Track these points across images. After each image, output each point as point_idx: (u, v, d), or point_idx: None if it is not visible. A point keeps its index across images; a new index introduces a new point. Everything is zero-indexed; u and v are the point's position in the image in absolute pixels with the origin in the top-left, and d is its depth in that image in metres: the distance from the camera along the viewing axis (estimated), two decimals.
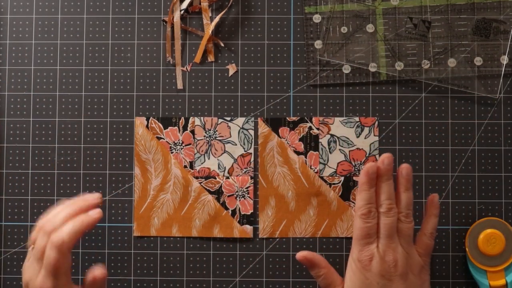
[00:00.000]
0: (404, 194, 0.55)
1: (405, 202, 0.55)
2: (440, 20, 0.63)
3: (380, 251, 0.53)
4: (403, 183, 0.55)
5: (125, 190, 0.63)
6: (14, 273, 0.63)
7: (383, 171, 0.54)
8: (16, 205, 0.63)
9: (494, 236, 0.60)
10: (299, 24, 0.64)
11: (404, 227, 0.54)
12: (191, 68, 0.64)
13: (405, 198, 0.55)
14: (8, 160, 0.64)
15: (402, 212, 0.54)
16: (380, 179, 0.55)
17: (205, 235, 0.63)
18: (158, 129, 0.64)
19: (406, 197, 0.55)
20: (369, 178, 0.54)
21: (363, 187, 0.54)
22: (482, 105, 0.63)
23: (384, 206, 0.54)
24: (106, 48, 0.64)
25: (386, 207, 0.54)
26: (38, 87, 0.64)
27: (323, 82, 0.64)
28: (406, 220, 0.54)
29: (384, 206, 0.54)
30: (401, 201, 0.55)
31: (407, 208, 0.55)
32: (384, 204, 0.54)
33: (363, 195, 0.54)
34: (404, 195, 0.55)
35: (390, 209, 0.54)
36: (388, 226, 0.53)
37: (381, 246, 0.53)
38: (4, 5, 0.65)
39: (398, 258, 0.53)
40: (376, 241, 0.53)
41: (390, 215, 0.53)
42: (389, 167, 0.55)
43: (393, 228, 0.53)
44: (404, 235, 0.54)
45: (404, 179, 0.55)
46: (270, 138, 0.63)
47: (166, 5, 0.64)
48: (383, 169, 0.54)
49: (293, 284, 0.62)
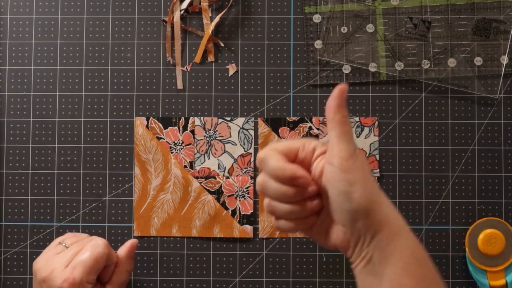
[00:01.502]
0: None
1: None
2: (440, 20, 0.63)
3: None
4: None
5: (125, 190, 0.63)
6: (14, 273, 0.63)
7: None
8: (16, 205, 0.63)
9: (494, 236, 0.60)
10: (299, 24, 0.64)
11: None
12: (191, 68, 0.64)
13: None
14: (8, 160, 0.64)
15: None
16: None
17: (205, 235, 0.63)
18: (158, 129, 0.64)
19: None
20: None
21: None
22: (482, 105, 0.63)
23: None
24: (106, 48, 0.64)
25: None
26: (38, 87, 0.64)
27: (323, 82, 0.64)
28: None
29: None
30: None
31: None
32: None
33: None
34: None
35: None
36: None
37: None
38: (4, 5, 0.65)
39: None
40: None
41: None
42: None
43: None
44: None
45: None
46: (270, 138, 0.63)
47: (166, 5, 0.64)
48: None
49: (293, 284, 0.62)
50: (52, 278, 0.52)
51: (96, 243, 0.54)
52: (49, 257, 0.54)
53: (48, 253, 0.55)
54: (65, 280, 0.51)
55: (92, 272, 0.53)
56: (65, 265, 0.53)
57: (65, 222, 0.63)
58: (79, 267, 0.52)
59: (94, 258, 0.53)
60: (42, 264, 0.54)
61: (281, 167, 0.45)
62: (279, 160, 0.46)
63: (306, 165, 0.47)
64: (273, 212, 0.48)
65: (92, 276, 0.53)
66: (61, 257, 0.54)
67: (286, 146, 0.47)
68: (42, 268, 0.53)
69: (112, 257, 0.55)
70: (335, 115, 0.45)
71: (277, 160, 0.46)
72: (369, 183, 0.45)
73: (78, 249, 0.54)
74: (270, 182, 0.46)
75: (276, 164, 0.46)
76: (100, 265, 0.54)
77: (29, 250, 0.63)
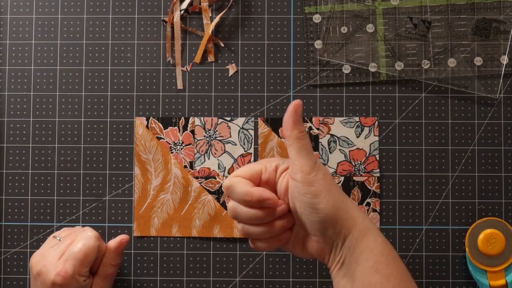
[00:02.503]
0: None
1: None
2: (440, 20, 0.63)
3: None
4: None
5: (125, 190, 0.63)
6: (14, 273, 0.63)
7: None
8: (16, 205, 0.63)
9: (494, 236, 0.60)
10: (299, 24, 0.64)
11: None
12: (191, 68, 0.64)
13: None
14: (8, 160, 0.64)
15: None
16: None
17: (205, 235, 0.63)
18: (158, 129, 0.64)
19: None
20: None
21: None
22: (482, 105, 0.63)
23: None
24: (106, 48, 0.64)
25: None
26: (38, 87, 0.64)
27: (323, 82, 0.64)
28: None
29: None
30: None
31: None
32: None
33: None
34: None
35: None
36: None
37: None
38: (4, 5, 0.65)
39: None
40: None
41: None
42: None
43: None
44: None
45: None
46: (270, 138, 0.63)
47: (166, 5, 0.64)
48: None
49: (293, 284, 0.62)
50: (45, 271, 0.53)
51: (87, 235, 0.55)
52: (44, 252, 0.55)
53: (43, 247, 0.56)
54: (58, 273, 0.52)
55: (83, 264, 0.53)
56: (57, 257, 0.53)
57: (65, 222, 0.63)
58: (70, 260, 0.53)
59: (85, 250, 0.53)
60: (37, 259, 0.54)
61: (248, 192, 0.47)
62: (245, 185, 0.48)
63: (271, 185, 0.49)
64: (248, 235, 0.49)
65: (84, 269, 0.53)
66: (54, 250, 0.54)
67: (249, 171, 0.49)
68: (37, 262, 0.54)
69: (102, 249, 0.56)
70: (292, 131, 0.47)
71: (243, 186, 0.48)
72: (333, 191, 0.47)
73: (70, 241, 0.55)
74: (240, 208, 0.48)
75: (243, 190, 0.48)
76: (92, 257, 0.54)
77: (29, 250, 0.63)
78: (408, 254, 0.62)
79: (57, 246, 0.55)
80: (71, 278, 0.52)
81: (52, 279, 0.52)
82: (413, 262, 0.62)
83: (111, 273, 0.57)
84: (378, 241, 0.47)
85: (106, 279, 0.56)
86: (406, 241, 0.62)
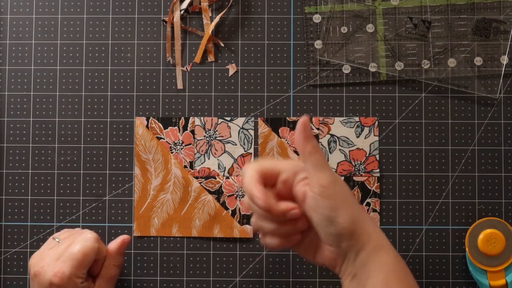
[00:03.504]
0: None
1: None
2: (440, 20, 0.63)
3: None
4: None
5: (125, 190, 0.63)
6: (14, 273, 0.63)
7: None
8: (16, 205, 0.63)
9: (494, 236, 0.60)
10: (299, 24, 0.64)
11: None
12: (191, 68, 0.64)
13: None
14: (8, 160, 0.64)
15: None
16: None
17: (205, 235, 0.63)
18: (158, 129, 0.64)
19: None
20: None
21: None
22: (482, 105, 0.63)
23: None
24: (106, 48, 0.64)
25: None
26: (38, 87, 0.64)
27: (323, 82, 0.64)
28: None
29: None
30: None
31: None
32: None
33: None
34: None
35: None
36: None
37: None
38: (4, 5, 0.65)
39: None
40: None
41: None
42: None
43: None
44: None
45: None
46: (270, 138, 0.63)
47: (166, 5, 0.64)
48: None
49: (293, 284, 0.62)
50: (42, 272, 0.53)
51: (86, 237, 0.55)
52: (42, 253, 0.55)
53: (42, 249, 0.56)
54: (55, 274, 0.52)
55: (81, 266, 0.53)
56: (55, 258, 0.53)
57: (65, 222, 0.63)
58: (68, 261, 0.53)
59: (83, 252, 0.53)
60: (35, 260, 0.54)
61: (253, 197, 0.47)
62: (253, 188, 0.48)
63: (287, 187, 0.50)
64: (260, 229, 0.50)
65: (82, 270, 0.53)
66: (52, 251, 0.54)
67: (269, 167, 0.49)
68: (35, 263, 0.54)
69: (102, 251, 0.56)
70: (304, 147, 0.47)
71: (251, 188, 0.48)
72: (351, 205, 0.47)
73: (69, 242, 0.55)
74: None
75: (249, 192, 0.48)
76: (90, 259, 0.54)
77: (29, 250, 0.63)
78: (408, 254, 0.62)
79: (56, 247, 0.55)
80: (68, 279, 0.52)
81: (49, 279, 0.52)
82: (413, 262, 0.62)
83: (115, 274, 0.57)
84: (390, 257, 0.47)
85: (109, 281, 0.56)
86: (406, 241, 0.62)
